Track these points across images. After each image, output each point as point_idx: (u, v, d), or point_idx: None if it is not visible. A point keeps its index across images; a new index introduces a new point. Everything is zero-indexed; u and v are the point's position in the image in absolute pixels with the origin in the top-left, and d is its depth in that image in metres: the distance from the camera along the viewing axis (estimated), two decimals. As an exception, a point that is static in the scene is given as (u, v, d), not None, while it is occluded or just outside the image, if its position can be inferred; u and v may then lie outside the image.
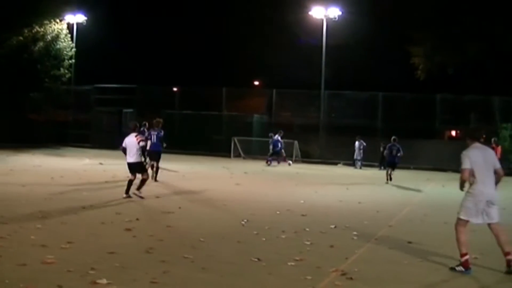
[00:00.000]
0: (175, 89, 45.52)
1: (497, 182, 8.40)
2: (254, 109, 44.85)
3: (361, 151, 33.18)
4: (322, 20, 39.17)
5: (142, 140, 14.89)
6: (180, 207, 13.46)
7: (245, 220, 11.89)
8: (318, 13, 39.14)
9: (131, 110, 42.56)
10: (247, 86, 53.62)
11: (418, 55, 41.28)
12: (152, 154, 19.39)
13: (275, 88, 41.72)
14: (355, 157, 33.68)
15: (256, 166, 29.53)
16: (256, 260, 8.30)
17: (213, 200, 15.35)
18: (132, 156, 14.63)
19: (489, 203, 8.20)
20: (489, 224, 8.36)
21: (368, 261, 8.58)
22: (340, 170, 31.04)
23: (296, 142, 35.83)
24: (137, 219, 11.47)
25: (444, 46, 39.63)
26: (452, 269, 8.20)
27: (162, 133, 19.76)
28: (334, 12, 39.14)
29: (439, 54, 40.28)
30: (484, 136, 19.61)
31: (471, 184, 8.29)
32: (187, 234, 10.19)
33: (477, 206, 8.21)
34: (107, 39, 53.61)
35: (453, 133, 47.80)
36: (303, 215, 13.02)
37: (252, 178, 23.17)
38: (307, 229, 11.08)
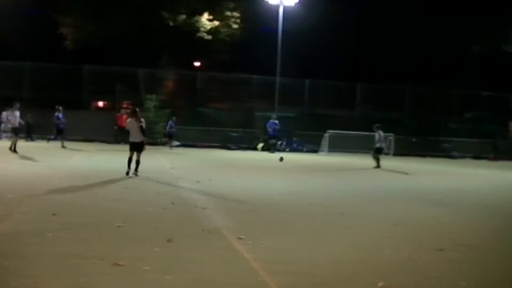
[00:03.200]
0: None
1: None
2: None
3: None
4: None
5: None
6: None
7: None
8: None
9: None
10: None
11: (67, 25, 40.39)
12: None
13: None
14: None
15: None
16: None
17: None
18: None
19: None
20: None
21: (11, 234, 8.10)
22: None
23: None
24: None
25: (92, 17, 39.40)
26: None
27: None
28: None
29: (88, 25, 39.90)
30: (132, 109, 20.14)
31: None
32: None
33: None
34: None
35: (100, 104, 48.22)
36: None
37: None
38: None
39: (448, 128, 43.93)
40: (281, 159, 26.97)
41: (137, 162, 16.90)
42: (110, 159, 23.60)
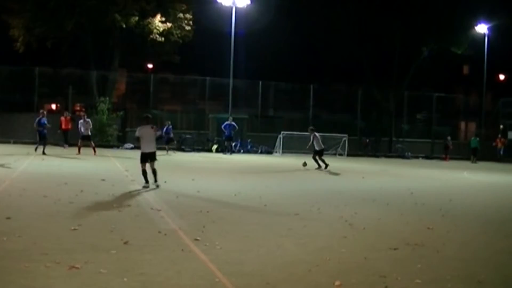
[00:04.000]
0: None
1: None
2: None
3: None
4: None
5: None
6: None
7: None
8: None
9: None
10: None
11: (17, 27, 39.69)
12: None
13: None
14: None
15: None
16: None
17: None
18: None
19: None
20: None
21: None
22: None
23: None
24: None
25: (43, 18, 38.83)
26: None
27: None
28: None
29: (39, 26, 39.31)
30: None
31: None
32: None
33: None
34: None
35: (53, 106, 47.60)
36: None
37: None
38: None
39: (400, 129, 44.69)
40: (305, 164, 26.00)
41: (154, 172, 15.80)
42: (61, 162, 23.32)
